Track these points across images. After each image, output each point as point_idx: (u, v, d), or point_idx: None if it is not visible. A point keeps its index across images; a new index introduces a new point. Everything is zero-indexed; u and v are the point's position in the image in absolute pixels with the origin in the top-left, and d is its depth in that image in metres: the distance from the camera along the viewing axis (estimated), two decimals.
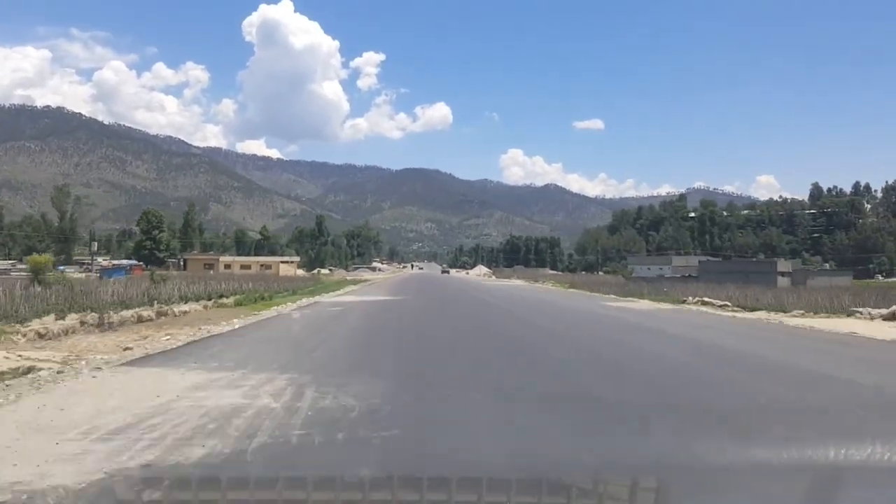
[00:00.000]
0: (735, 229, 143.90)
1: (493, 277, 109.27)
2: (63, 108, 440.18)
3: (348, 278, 78.11)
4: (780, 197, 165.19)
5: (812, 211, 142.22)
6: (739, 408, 7.01)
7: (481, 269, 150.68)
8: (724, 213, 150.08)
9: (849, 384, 8.74)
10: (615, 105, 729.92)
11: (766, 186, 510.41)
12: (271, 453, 4.89)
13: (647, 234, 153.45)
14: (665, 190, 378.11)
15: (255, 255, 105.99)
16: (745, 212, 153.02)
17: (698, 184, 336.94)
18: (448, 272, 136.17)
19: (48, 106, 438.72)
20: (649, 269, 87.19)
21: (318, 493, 3.37)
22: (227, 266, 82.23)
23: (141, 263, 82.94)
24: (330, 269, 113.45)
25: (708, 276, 59.10)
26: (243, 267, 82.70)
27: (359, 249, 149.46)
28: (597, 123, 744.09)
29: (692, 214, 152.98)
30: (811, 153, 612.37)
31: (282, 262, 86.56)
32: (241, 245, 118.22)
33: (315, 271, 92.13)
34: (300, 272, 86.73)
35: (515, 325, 18.52)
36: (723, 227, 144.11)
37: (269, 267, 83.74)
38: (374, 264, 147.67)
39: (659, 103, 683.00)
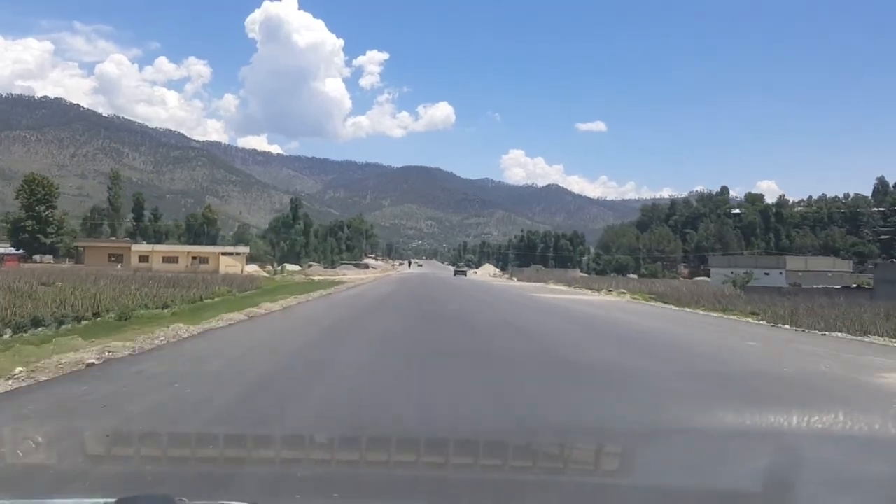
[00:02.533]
0: (790, 227, 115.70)
1: (514, 280, 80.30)
2: (61, 98, 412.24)
3: (316, 279, 49.87)
4: (820, 195, 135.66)
5: (881, 209, 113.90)
6: None
7: (491, 269, 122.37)
8: (775, 210, 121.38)
9: None
10: (618, 107, 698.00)
11: (767, 191, 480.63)
12: None
13: (683, 232, 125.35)
14: (667, 192, 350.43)
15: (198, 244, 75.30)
16: (799, 209, 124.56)
17: (699, 187, 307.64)
18: (465, 273, 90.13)
19: (46, 96, 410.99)
20: (742, 273, 58.83)
21: None
22: (144, 258, 53.72)
23: (20, 252, 54.62)
24: (309, 265, 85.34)
25: (893, 290, 33.03)
26: (167, 259, 54.18)
27: (349, 243, 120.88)
28: (599, 125, 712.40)
29: (736, 211, 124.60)
30: (813, 159, 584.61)
31: (223, 253, 57.71)
32: (193, 232, 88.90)
33: (279, 268, 63.75)
34: (252, 267, 58.24)
35: None
36: (781, 225, 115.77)
37: (205, 260, 55.06)
38: (367, 261, 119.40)
39: (661, 107, 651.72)
